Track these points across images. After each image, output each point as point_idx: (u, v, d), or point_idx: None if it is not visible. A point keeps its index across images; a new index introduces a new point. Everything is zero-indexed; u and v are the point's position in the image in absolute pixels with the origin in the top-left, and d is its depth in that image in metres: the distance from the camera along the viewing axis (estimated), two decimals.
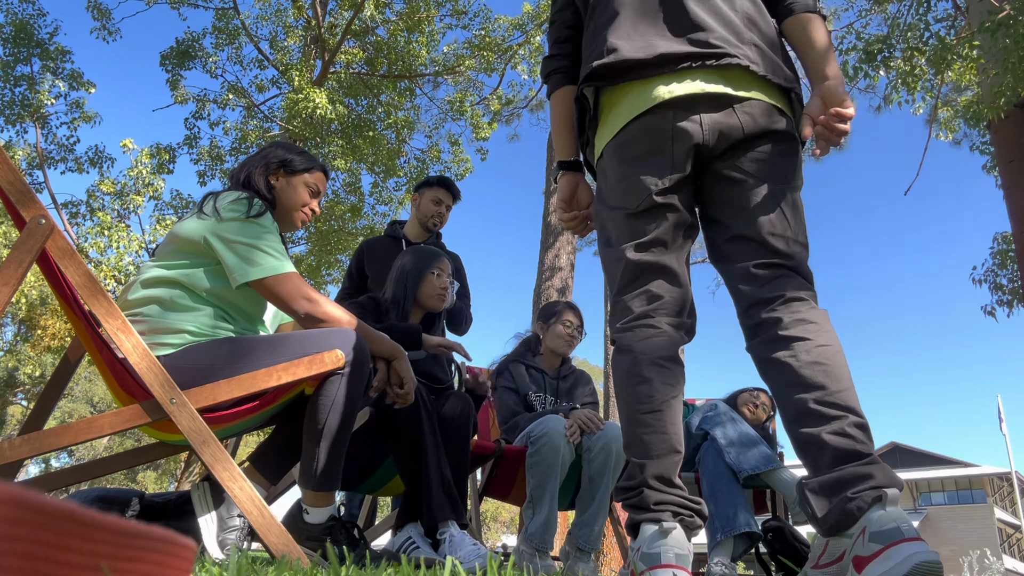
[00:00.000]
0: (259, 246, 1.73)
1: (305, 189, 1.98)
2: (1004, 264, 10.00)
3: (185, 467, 17.48)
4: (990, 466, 30.69)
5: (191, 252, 1.76)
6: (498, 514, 36.48)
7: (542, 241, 9.57)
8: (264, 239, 1.74)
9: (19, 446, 1.53)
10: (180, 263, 1.76)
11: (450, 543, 1.97)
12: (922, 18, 7.73)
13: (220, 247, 1.72)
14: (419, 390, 2.12)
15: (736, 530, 2.46)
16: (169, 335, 1.71)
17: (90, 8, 11.79)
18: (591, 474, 2.61)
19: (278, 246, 1.77)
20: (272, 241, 1.76)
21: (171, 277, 1.75)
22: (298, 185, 1.97)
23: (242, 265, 1.71)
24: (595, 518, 2.58)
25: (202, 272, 1.75)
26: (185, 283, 1.74)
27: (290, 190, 1.96)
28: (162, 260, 1.78)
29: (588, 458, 2.63)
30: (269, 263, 1.72)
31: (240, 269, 1.71)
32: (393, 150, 12.26)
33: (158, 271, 1.76)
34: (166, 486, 29.46)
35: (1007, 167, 6.97)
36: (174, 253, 1.77)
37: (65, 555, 0.37)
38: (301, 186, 1.98)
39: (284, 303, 1.73)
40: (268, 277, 1.71)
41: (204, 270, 1.75)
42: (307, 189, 1.99)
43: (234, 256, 1.71)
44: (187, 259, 1.76)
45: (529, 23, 11.05)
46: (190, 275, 1.75)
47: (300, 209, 1.99)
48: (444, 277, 2.62)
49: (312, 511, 1.74)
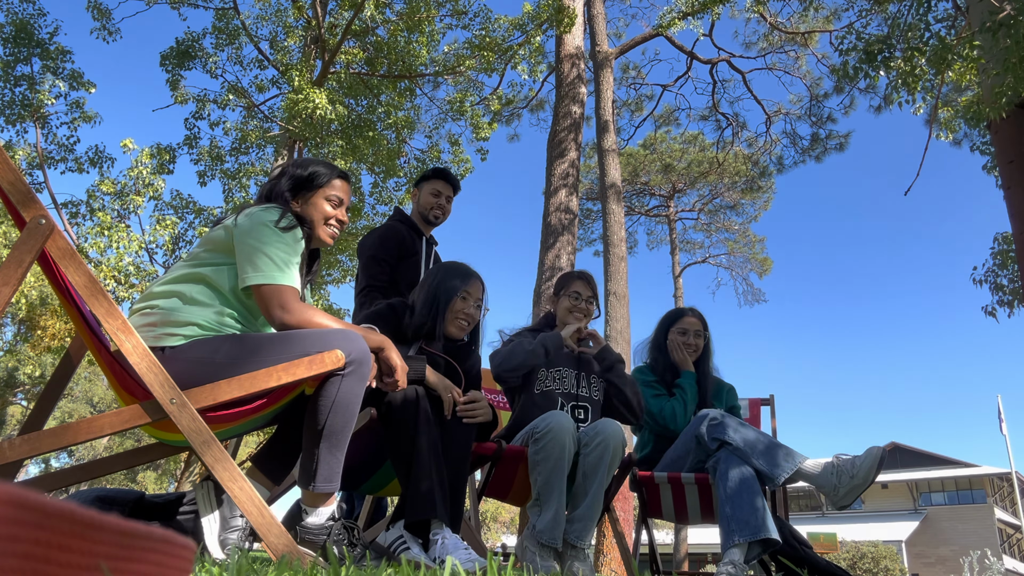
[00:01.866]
0: (267, 252, 1.75)
1: (326, 203, 1.99)
2: (1004, 264, 10.00)
3: (185, 467, 17.48)
4: (990, 466, 30.66)
5: (220, 251, 1.81)
6: (498, 514, 36.45)
7: (542, 241, 9.57)
8: (275, 247, 1.76)
9: (19, 446, 1.53)
10: (210, 260, 1.81)
11: (441, 545, 1.95)
12: (922, 18, 7.73)
13: (237, 247, 1.77)
14: (419, 392, 2.11)
15: (756, 535, 2.45)
16: (179, 327, 1.72)
17: (90, 8, 11.79)
18: (585, 469, 2.57)
19: (286, 257, 1.77)
20: (281, 251, 1.77)
21: (199, 273, 1.79)
22: (318, 201, 1.98)
23: (245, 268, 1.74)
24: (588, 513, 2.53)
25: (227, 270, 1.79)
26: (211, 278, 1.78)
27: (311, 208, 1.98)
28: (194, 259, 1.83)
29: (584, 452, 2.60)
30: (268, 271, 1.73)
31: (243, 271, 1.74)
32: (393, 150, 12.26)
33: (187, 269, 1.81)
34: (166, 486, 29.44)
35: (1007, 167, 6.97)
36: (207, 253, 1.82)
37: (65, 555, 0.37)
38: (321, 201, 1.98)
39: (266, 311, 1.75)
40: (262, 284, 1.73)
41: (229, 268, 1.79)
42: (328, 203, 1.99)
43: (243, 258, 1.75)
44: (216, 257, 1.81)
45: (529, 23, 11.05)
46: (217, 271, 1.79)
47: (325, 223, 1.99)
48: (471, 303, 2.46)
49: (312, 511, 1.73)
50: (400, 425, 2.09)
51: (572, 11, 10.61)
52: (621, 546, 3.10)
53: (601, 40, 12.10)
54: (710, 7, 12.09)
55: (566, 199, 9.71)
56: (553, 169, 9.97)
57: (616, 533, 3.14)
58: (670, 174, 22.34)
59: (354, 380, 1.68)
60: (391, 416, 2.12)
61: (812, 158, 17.51)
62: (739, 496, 2.54)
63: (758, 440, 2.67)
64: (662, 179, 22.62)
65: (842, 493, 2.48)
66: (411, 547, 1.96)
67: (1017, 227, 6.83)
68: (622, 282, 10.07)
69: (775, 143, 18.63)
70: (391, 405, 2.08)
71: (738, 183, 21.72)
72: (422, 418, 2.10)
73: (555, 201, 9.70)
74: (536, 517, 2.48)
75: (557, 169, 9.92)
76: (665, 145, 22.11)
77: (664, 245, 23.73)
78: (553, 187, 9.84)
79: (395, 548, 1.97)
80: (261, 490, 1.85)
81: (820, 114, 17.06)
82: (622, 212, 10.77)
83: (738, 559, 2.44)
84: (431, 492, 2.00)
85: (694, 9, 12.22)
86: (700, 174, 21.88)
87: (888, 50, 7.67)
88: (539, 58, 12.36)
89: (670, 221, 23.14)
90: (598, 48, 11.98)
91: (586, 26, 12.28)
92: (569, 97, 10.47)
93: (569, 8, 10.62)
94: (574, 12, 10.67)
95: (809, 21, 15.79)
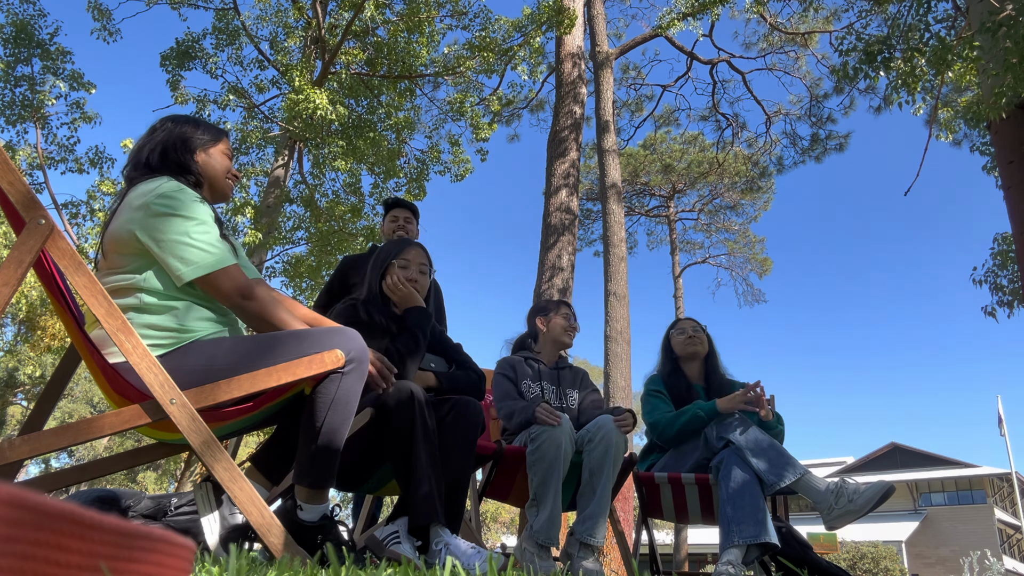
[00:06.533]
0: (193, 242, 1.68)
1: (224, 157, 1.96)
2: (1004, 265, 9.99)
3: (185, 467, 17.47)
4: (990, 467, 30.64)
5: (134, 252, 1.70)
6: (498, 514, 36.46)
7: (542, 241, 9.57)
8: (196, 232, 1.69)
9: (19, 446, 1.53)
10: (132, 266, 1.71)
11: (446, 552, 1.94)
12: (922, 19, 7.73)
13: (153, 246, 1.67)
14: (416, 394, 2.11)
15: (756, 539, 2.45)
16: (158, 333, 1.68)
17: (90, 9, 11.79)
18: (591, 467, 2.60)
19: (211, 238, 1.71)
20: (204, 233, 1.71)
21: (130, 284, 1.70)
22: (217, 155, 1.94)
23: (179, 266, 1.67)
24: (598, 511, 2.56)
25: (156, 271, 1.70)
26: (146, 287, 1.69)
27: (213, 162, 1.93)
28: (113, 267, 1.72)
29: (588, 450, 2.62)
30: (205, 260, 1.68)
31: (178, 270, 1.67)
32: (393, 151, 12.26)
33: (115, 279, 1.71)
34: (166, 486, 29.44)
35: (1007, 167, 6.97)
36: (122, 257, 1.71)
37: (65, 555, 0.37)
38: (219, 155, 1.95)
39: (224, 299, 1.71)
40: (207, 275, 1.68)
41: (156, 268, 1.71)
42: (225, 156, 1.96)
43: (170, 257, 1.67)
44: (135, 261, 1.71)
45: (529, 24, 11.05)
46: (147, 278, 1.70)
47: (227, 177, 1.96)
48: (412, 269, 2.44)
49: (306, 507, 1.74)
50: (398, 430, 2.09)
51: (572, 12, 10.61)
52: (621, 546, 3.10)
53: (601, 40, 12.10)
54: (710, 8, 12.09)
55: (567, 199, 9.71)
56: (553, 169, 9.97)
57: (616, 533, 3.14)
58: (670, 174, 22.35)
59: (353, 379, 1.69)
60: (389, 419, 2.11)
61: (812, 158, 17.53)
62: (741, 497, 2.54)
63: (763, 443, 2.67)
64: (662, 179, 22.62)
65: (835, 515, 2.47)
66: (402, 543, 1.96)
67: (1017, 227, 6.83)
68: (622, 282, 10.07)
69: (775, 143, 18.64)
70: (388, 407, 2.08)
71: (738, 183, 21.72)
72: (419, 422, 2.09)
73: (555, 201, 9.69)
74: (533, 518, 2.50)
75: (558, 169, 9.92)
76: (665, 145, 22.11)
77: (664, 245, 23.76)
78: (553, 187, 9.84)
79: (387, 542, 1.98)
80: (260, 490, 1.85)
81: (820, 114, 17.08)
82: (622, 212, 10.77)
83: (736, 559, 2.44)
84: (430, 497, 2.00)
85: (694, 10, 12.22)
86: (700, 174, 21.88)
87: (888, 51, 7.67)
88: (539, 59, 12.36)
89: (670, 221, 23.15)
90: (598, 48, 11.98)
91: (586, 26, 12.29)
92: (570, 97, 10.47)
93: (569, 9, 10.62)
94: (574, 13, 10.67)
95: (809, 22, 15.79)
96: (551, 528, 2.46)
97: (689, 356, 3.34)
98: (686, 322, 3.46)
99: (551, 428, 2.53)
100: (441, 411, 2.26)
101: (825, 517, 2.52)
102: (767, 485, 2.58)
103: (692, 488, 2.92)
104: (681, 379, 3.28)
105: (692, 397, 3.19)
